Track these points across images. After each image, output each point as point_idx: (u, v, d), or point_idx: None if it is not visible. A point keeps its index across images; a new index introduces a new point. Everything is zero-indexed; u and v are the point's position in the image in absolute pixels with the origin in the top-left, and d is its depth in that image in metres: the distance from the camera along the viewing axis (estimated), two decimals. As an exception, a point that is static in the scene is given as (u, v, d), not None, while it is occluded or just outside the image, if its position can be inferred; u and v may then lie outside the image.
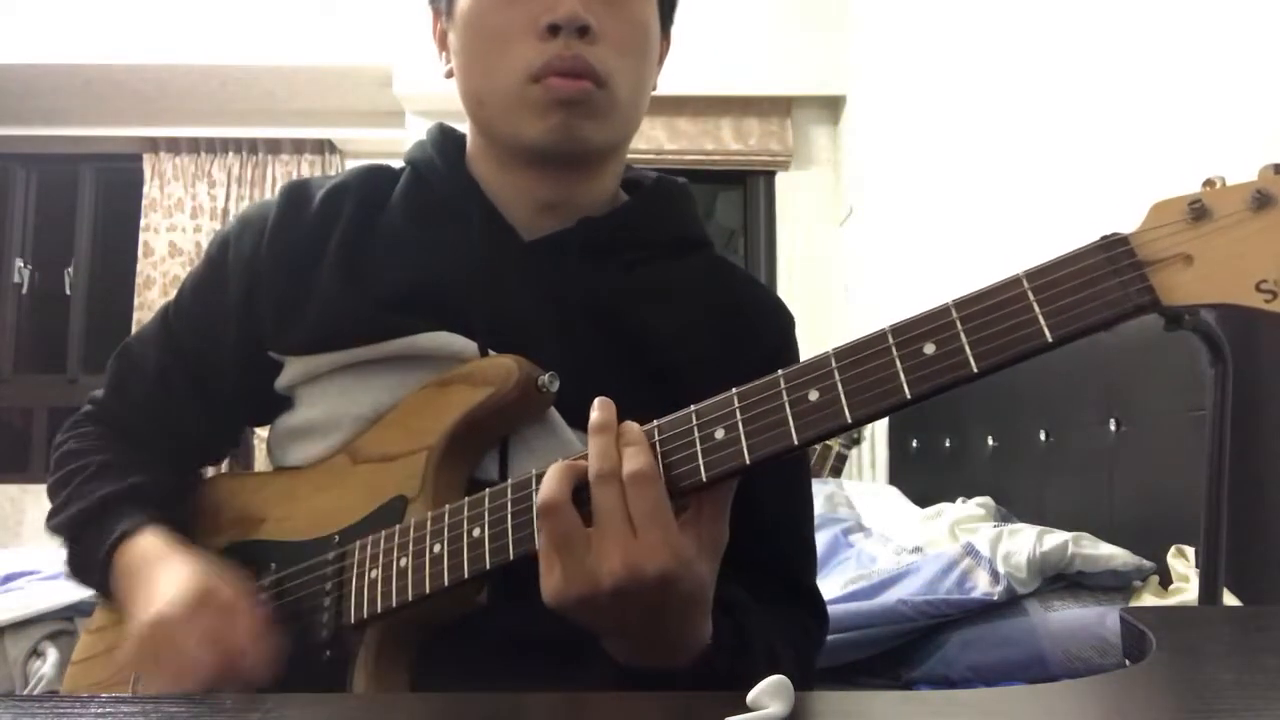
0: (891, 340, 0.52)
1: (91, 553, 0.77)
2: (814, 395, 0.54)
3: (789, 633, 0.74)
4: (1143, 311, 0.48)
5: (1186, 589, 1.35)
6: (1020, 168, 2.30)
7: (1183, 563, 1.40)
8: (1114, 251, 0.49)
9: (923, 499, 2.45)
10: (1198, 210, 0.47)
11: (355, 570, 0.69)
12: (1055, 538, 1.50)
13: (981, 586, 1.47)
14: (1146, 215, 0.49)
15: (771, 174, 4.02)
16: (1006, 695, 0.44)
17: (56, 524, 0.82)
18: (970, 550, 1.56)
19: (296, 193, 0.84)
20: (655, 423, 0.58)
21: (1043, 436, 1.97)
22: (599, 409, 0.58)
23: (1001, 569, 1.47)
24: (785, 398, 0.54)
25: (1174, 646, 0.45)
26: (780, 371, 0.55)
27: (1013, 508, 2.05)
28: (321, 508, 0.75)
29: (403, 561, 0.66)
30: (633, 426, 0.58)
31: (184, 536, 0.77)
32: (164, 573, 0.71)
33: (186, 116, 4.03)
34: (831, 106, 3.99)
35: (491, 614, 0.69)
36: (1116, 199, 1.83)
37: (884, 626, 1.47)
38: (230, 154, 4.07)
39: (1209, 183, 0.48)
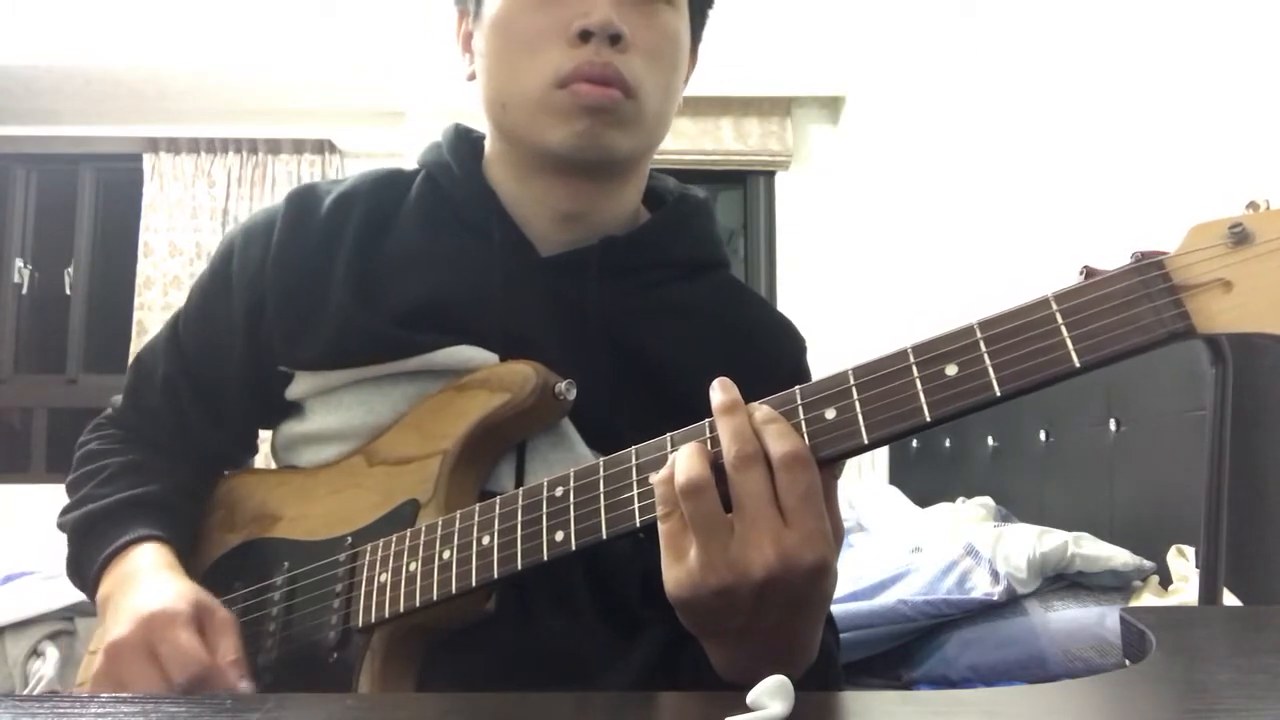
0: (912, 359, 0.51)
1: (91, 558, 0.77)
2: (831, 414, 0.52)
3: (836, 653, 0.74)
4: (1176, 339, 0.45)
5: (1186, 589, 1.35)
6: (1025, 169, 2.30)
7: (1183, 563, 1.40)
8: (1148, 275, 0.46)
9: (923, 499, 2.45)
10: (1239, 234, 0.45)
11: (365, 573, 0.69)
12: (1055, 538, 1.50)
13: (981, 586, 1.47)
14: (1184, 238, 0.47)
15: (771, 174, 4.02)
16: (1006, 695, 0.44)
17: (65, 522, 0.82)
18: (970, 550, 1.56)
19: (303, 200, 0.81)
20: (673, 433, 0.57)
21: (1043, 436, 1.97)
22: (722, 389, 0.54)
23: (1001, 569, 1.47)
24: (801, 415, 0.53)
25: (1174, 646, 0.45)
26: (797, 388, 0.54)
27: (1013, 508, 2.05)
28: (336, 508, 0.75)
29: (412, 566, 0.66)
30: (762, 406, 0.54)
31: (178, 555, 0.76)
32: (132, 595, 0.70)
33: (186, 116, 4.02)
34: (831, 106, 3.99)
35: (497, 627, 0.68)
36: (1131, 202, 1.83)
37: (884, 626, 1.48)
38: (230, 154, 4.06)
39: (1252, 205, 0.46)
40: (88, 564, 0.77)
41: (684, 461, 0.53)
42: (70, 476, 0.85)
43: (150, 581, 0.71)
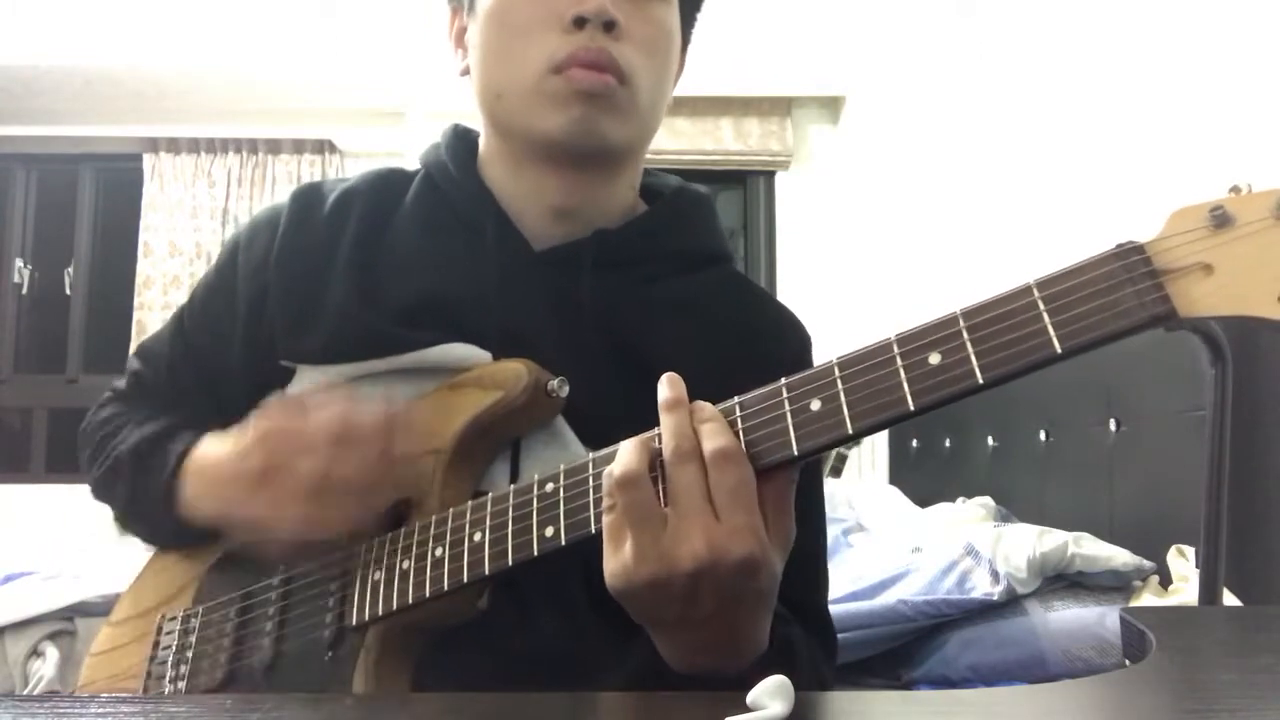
0: (896, 350, 0.51)
1: (156, 474, 0.77)
2: (816, 405, 0.53)
3: (819, 654, 0.74)
4: (1158, 323, 0.45)
5: (1186, 589, 1.35)
6: (1025, 168, 2.30)
7: (1183, 563, 1.40)
8: (1129, 260, 0.46)
9: (923, 499, 2.45)
10: (1219, 217, 0.45)
11: (359, 572, 0.69)
12: (1055, 538, 1.50)
13: (981, 586, 1.47)
14: (1166, 223, 0.47)
15: (771, 174, 4.02)
16: (1006, 695, 0.44)
17: (106, 469, 0.82)
18: (970, 550, 1.56)
19: (308, 197, 0.83)
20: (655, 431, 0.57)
21: (1043, 436, 1.97)
22: (669, 385, 0.56)
23: (1001, 569, 1.47)
24: (787, 407, 0.53)
25: (1174, 646, 0.45)
26: (783, 380, 0.54)
27: (1013, 508, 2.05)
28: None
29: (405, 564, 0.66)
30: (705, 405, 0.55)
31: None
32: (226, 452, 0.70)
33: (186, 116, 4.03)
34: (831, 106, 3.99)
35: (495, 627, 0.69)
36: (1130, 203, 1.83)
37: (884, 626, 1.48)
38: (230, 154, 4.07)
39: (1234, 189, 0.46)
40: (151, 485, 0.78)
41: (622, 455, 0.54)
42: (88, 445, 0.87)
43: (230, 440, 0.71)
